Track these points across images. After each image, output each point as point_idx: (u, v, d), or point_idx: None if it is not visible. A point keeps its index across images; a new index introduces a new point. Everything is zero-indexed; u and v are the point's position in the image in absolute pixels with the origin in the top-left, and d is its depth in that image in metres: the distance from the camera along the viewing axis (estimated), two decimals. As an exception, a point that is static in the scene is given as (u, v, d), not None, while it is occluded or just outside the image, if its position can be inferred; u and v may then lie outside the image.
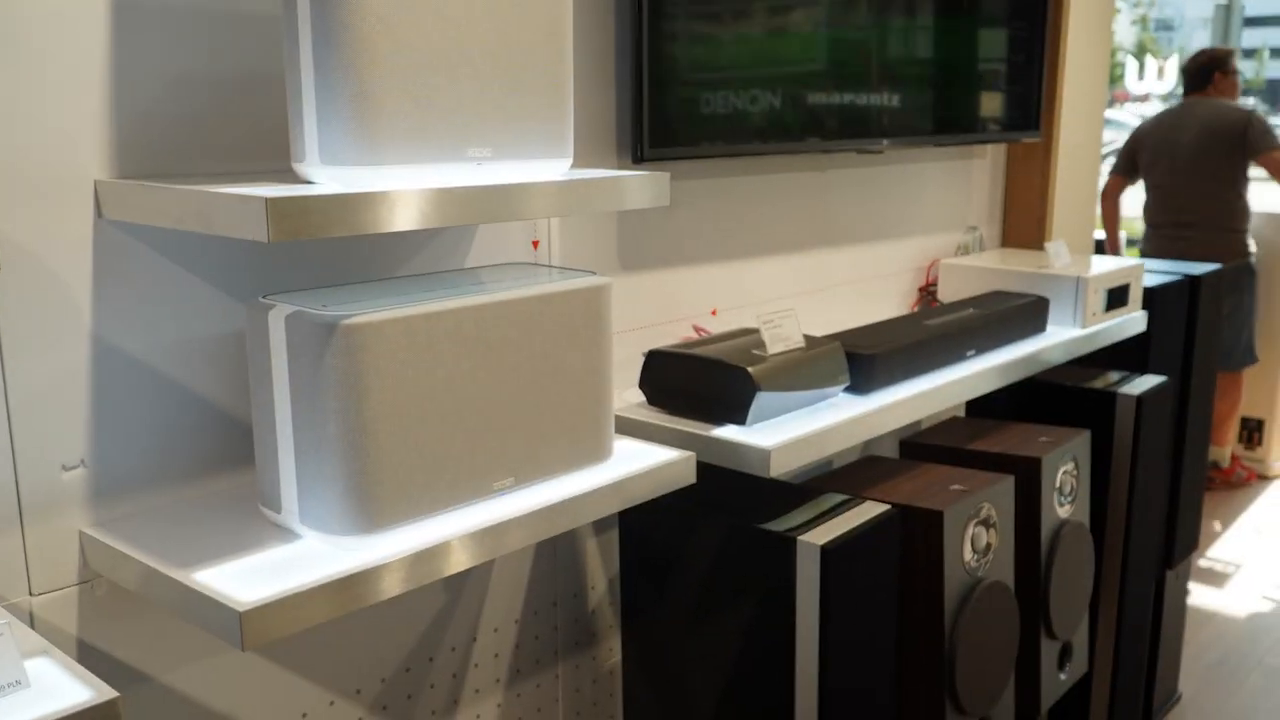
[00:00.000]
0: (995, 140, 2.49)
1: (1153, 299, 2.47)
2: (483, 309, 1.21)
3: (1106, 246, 4.42)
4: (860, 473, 1.94)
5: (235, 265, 1.31)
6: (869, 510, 1.60)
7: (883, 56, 2.12)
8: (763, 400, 1.58)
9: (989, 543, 1.83)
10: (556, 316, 1.29)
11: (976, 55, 2.38)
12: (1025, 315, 2.15)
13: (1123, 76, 10.15)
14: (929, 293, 2.48)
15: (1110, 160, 4.47)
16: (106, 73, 1.18)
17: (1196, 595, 3.49)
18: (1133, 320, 2.39)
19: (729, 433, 1.57)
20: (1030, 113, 2.53)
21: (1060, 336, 2.19)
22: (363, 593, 1.12)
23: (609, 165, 1.73)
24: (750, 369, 1.57)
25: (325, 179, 1.13)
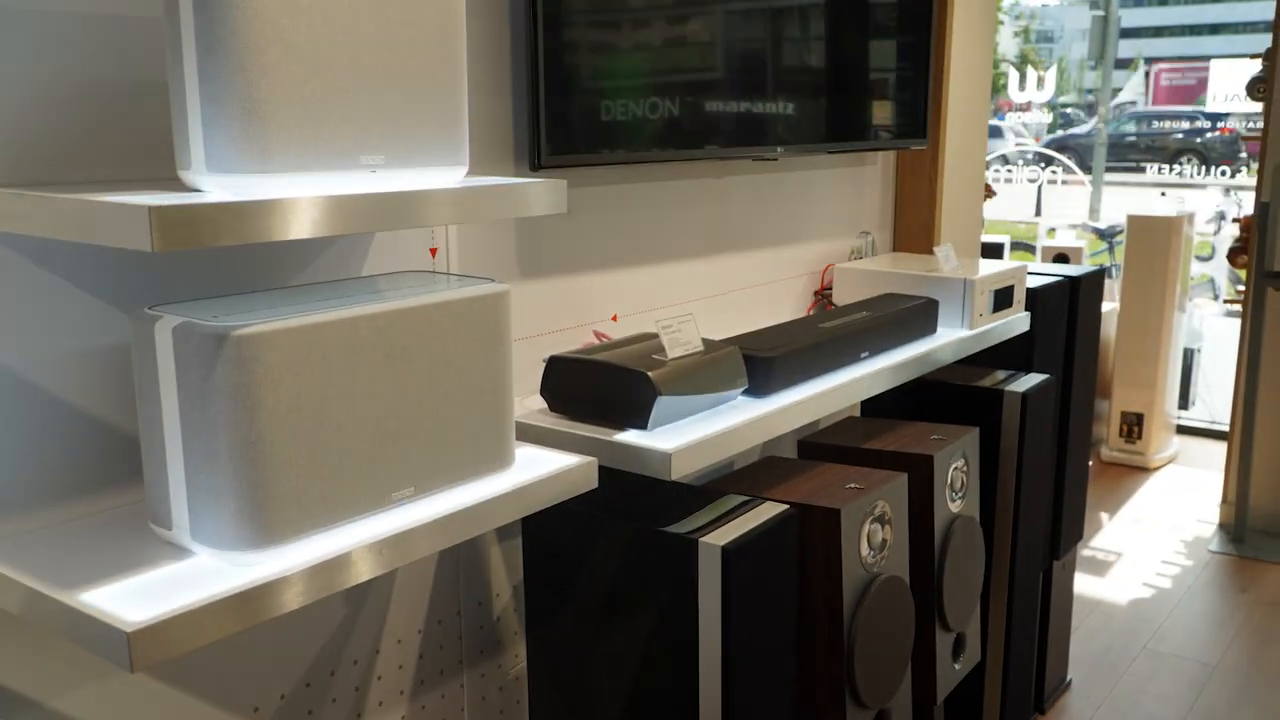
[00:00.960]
0: (885, 148, 2.55)
1: (1035, 300, 2.56)
2: (379, 317, 1.20)
3: None
4: (760, 473, 1.97)
5: (121, 276, 1.27)
6: (768, 510, 1.63)
7: (778, 66, 2.16)
8: (663, 404, 1.59)
9: (884, 539, 1.88)
10: (455, 324, 1.29)
11: (867, 65, 2.43)
12: (916, 317, 2.21)
13: (1006, 86, 10.48)
14: (824, 296, 2.53)
15: (995, 166, 4.59)
16: (-20, 78, 1.14)
17: (1082, 584, 3.62)
18: (1017, 320, 2.47)
19: (630, 437, 1.58)
20: (918, 121, 2.60)
21: (950, 337, 2.26)
22: (258, 608, 1.10)
23: (506, 173, 1.73)
24: (650, 373, 1.58)
25: (213, 187, 1.10)
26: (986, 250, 4.52)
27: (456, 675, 1.78)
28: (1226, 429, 4.23)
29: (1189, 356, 5.24)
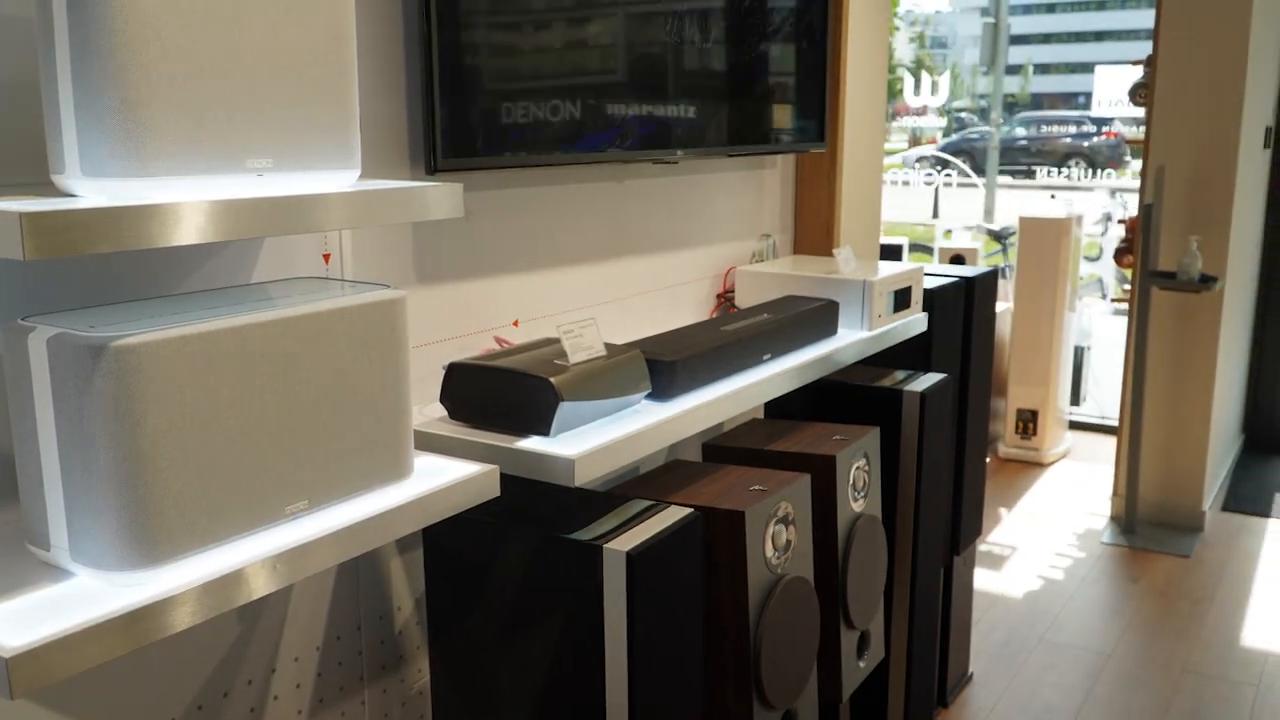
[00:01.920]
0: (784, 151, 2.58)
1: (933, 300, 2.61)
2: (268, 326, 1.16)
3: None
4: (664, 477, 1.96)
5: (-9, 285, 1.21)
6: (673, 515, 1.62)
7: (679, 69, 2.16)
8: (565, 410, 1.58)
9: (789, 540, 1.89)
10: (348, 332, 1.25)
11: (766, 70, 2.45)
12: (817, 319, 2.23)
13: (901, 91, 10.71)
14: (726, 299, 2.55)
15: (894, 171, 4.68)
16: None
17: (981, 579, 3.70)
18: (915, 321, 2.52)
19: (533, 444, 1.57)
20: (816, 125, 2.63)
21: (850, 338, 2.29)
22: (145, 630, 1.06)
23: (402, 176, 1.70)
24: (552, 379, 1.57)
25: (88, 191, 1.06)
26: (885, 252, 4.60)
27: (357, 692, 1.74)
28: (1116, 424, 4.37)
29: (1079, 354, 5.40)
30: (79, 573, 1.11)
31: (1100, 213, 7.67)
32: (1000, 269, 6.58)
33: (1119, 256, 4.38)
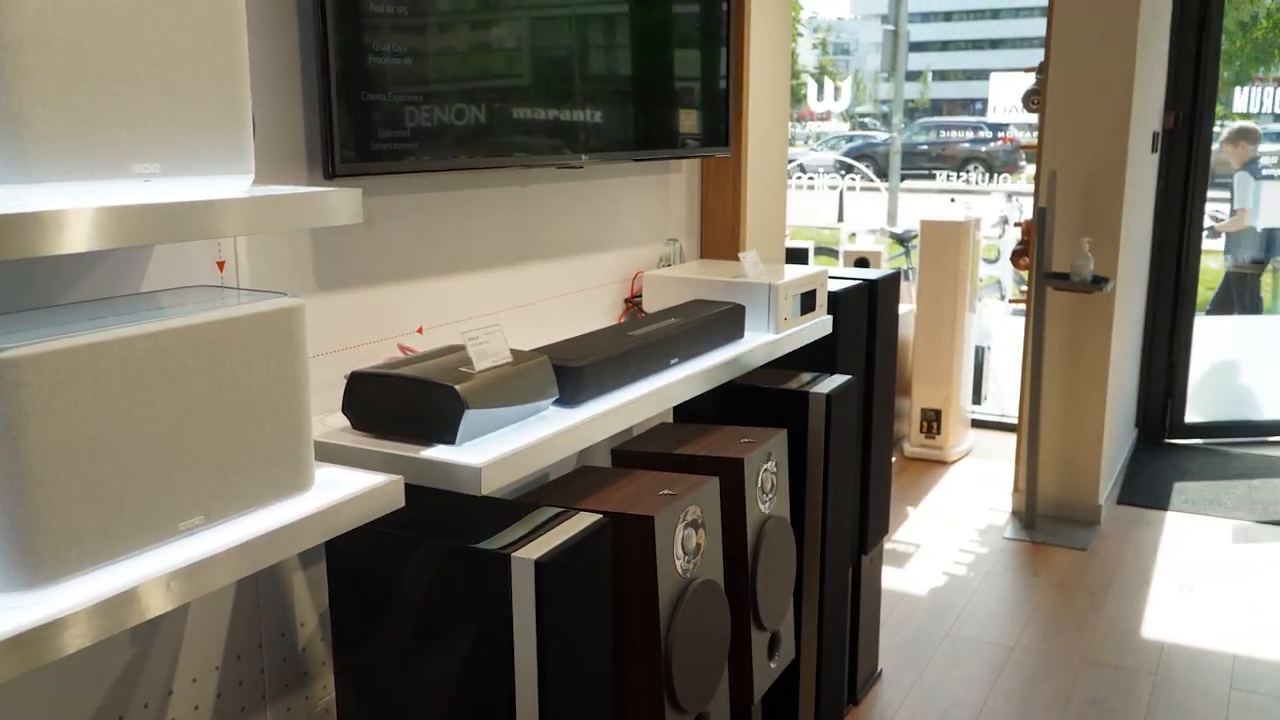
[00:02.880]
0: (689, 156, 2.59)
1: (837, 303, 2.64)
2: (159, 336, 1.12)
3: None
4: (574, 484, 1.95)
5: None
6: (582, 521, 1.61)
7: (584, 74, 2.15)
8: (471, 418, 1.56)
9: (698, 543, 1.90)
10: (244, 342, 1.22)
11: (671, 75, 2.46)
12: (724, 322, 2.24)
13: (806, 97, 10.86)
14: (634, 304, 2.55)
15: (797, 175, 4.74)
16: None
17: (889, 577, 3.76)
18: (820, 323, 2.55)
19: (438, 453, 1.54)
20: (721, 130, 2.65)
21: (757, 341, 2.30)
22: (33, 653, 1.01)
23: (300, 181, 1.66)
24: (457, 387, 1.55)
25: (-37, 198, 1.01)
26: (791, 255, 4.65)
27: (259, 712, 1.69)
28: (1016, 422, 4.48)
29: (980, 354, 5.53)
30: (-43, 597, 1.05)
31: (998, 216, 7.87)
32: (903, 271, 6.71)
33: (1015, 258, 4.49)
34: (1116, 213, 4.08)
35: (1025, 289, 4.43)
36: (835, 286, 2.70)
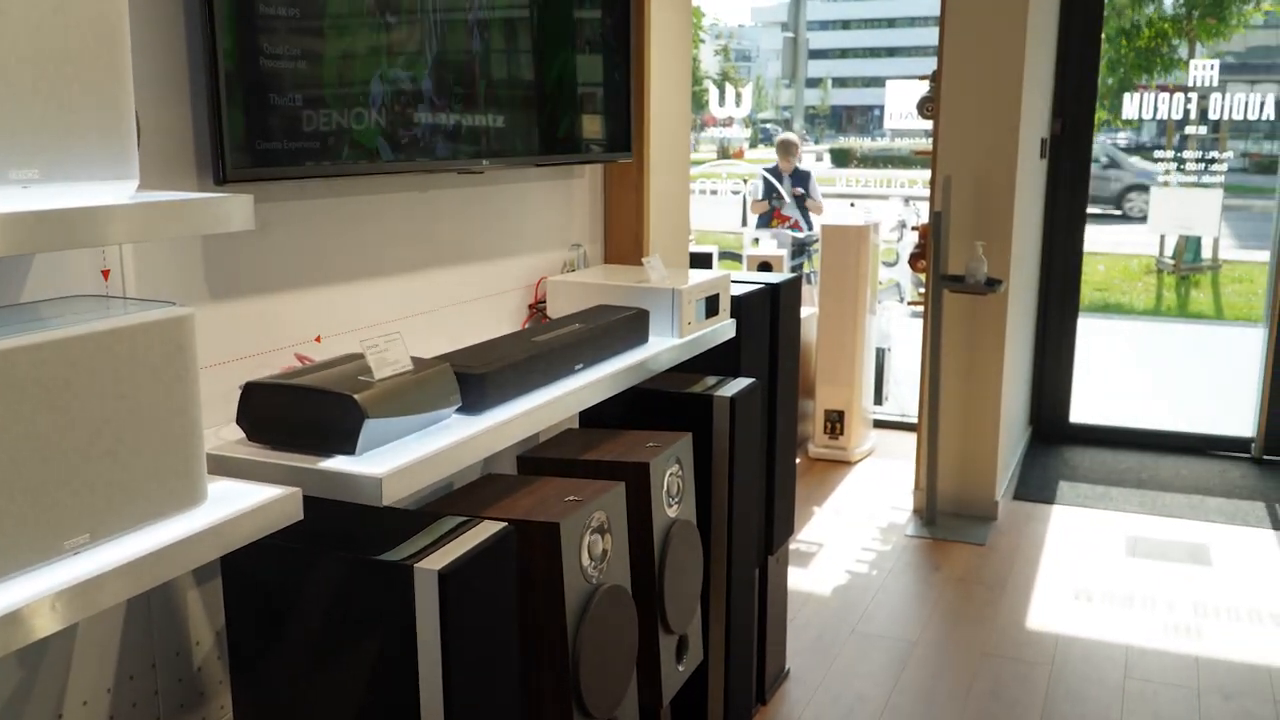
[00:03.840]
0: (592, 161, 2.59)
1: (740, 307, 2.67)
2: (38, 349, 1.08)
3: None
4: (479, 492, 1.93)
5: None
6: (486, 530, 1.60)
7: (485, 78, 2.13)
8: (371, 427, 1.53)
9: (605, 549, 1.89)
10: (130, 353, 1.18)
11: (574, 80, 2.45)
12: (628, 327, 2.24)
13: (708, 103, 10.95)
14: (538, 310, 2.53)
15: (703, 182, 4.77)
16: None
17: (795, 576, 3.80)
18: (724, 327, 2.57)
19: (338, 464, 1.51)
20: (623, 135, 2.65)
21: (661, 345, 2.31)
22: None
23: (189, 187, 1.61)
24: (356, 396, 1.52)
25: None
26: (695, 260, 4.68)
27: (155, 733, 1.64)
28: (916, 421, 4.58)
29: (881, 355, 5.63)
30: None
31: (896, 220, 8.03)
32: (805, 275, 6.80)
33: (913, 261, 4.59)
34: (1008, 216, 4.19)
35: (923, 291, 4.52)
36: (738, 290, 2.72)
